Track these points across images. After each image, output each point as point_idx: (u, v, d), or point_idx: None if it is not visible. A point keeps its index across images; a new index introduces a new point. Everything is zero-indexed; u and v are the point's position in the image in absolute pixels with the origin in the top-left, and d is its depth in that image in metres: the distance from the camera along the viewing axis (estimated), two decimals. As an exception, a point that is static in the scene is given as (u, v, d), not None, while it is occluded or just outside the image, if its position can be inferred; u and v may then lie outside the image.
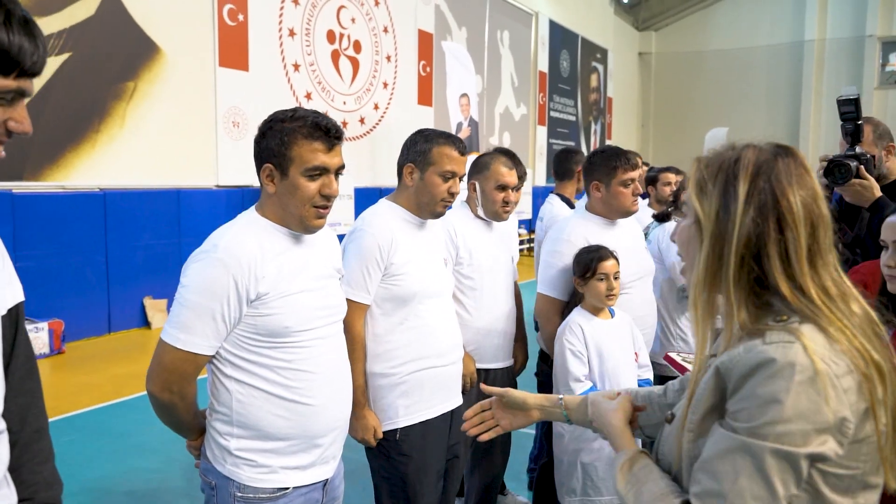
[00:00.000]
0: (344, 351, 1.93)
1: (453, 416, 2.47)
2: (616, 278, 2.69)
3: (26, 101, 1.13)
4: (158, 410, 1.77)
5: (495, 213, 2.91)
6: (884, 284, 1.87)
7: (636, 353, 2.77)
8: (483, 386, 1.64)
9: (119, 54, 7.42)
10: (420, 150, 2.39)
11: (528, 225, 15.23)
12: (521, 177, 3.10)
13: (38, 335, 6.27)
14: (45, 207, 6.74)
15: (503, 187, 2.87)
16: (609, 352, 2.68)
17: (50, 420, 1.30)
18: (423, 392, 2.33)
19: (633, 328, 2.82)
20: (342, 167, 1.78)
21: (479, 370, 2.90)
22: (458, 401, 2.51)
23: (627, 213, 2.91)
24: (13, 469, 1.25)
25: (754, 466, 0.98)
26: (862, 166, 2.53)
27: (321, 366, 1.79)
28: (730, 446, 1.00)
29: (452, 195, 2.38)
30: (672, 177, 4.40)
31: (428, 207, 2.38)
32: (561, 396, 1.54)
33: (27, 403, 1.27)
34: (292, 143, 1.70)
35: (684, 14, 21.97)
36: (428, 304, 2.35)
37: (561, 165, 4.21)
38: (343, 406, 1.88)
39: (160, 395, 1.72)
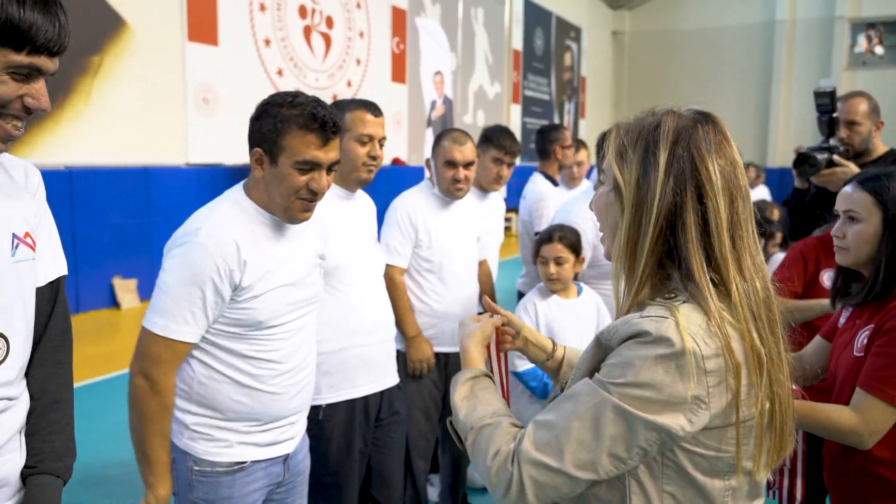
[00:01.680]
0: (313, 338, 1.91)
1: (382, 398, 2.41)
2: (560, 263, 2.63)
3: (44, 78, 1.15)
4: (130, 401, 1.70)
5: (447, 190, 2.86)
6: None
7: None
8: (486, 300, 1.49)
9: (83, 27, 7.20)
10: None
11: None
12: (514, 153, 3.22)
13: (4, 316, 6.16)
14: (9, 185, 6.57)
15: (451, 164, 2.81)
16: (562, 332, 2.62)
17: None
18: (345, 371, 2.27)
19: (599, 309, 2.76)
20: (336, 162, 1.72)
21: (437, 354, 2.85)
22: (389, 381, 2.43)
23: None
24: (29, 435, 1.30)
25: (592, 414, 1.00)
26: (836, 155, 2.54)
27: (288, 356, 1.77)
28: (582, 390, 1.03)
29: (374, 158, 2.33)
30: None
31: (352, 175, 2.33)
32: (555, 346, 1.48)
33: (51, 373, 1.32)
34: (285, 131, 1.63)
35: (658, -7, 21.99)
36: (352, 279, 2.28)
37: (538, 144, 4.22)
38: (305, 393, 1.85)
39: (133, 379, 1.67)
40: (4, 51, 1.08)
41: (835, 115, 2.62)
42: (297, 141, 1.63)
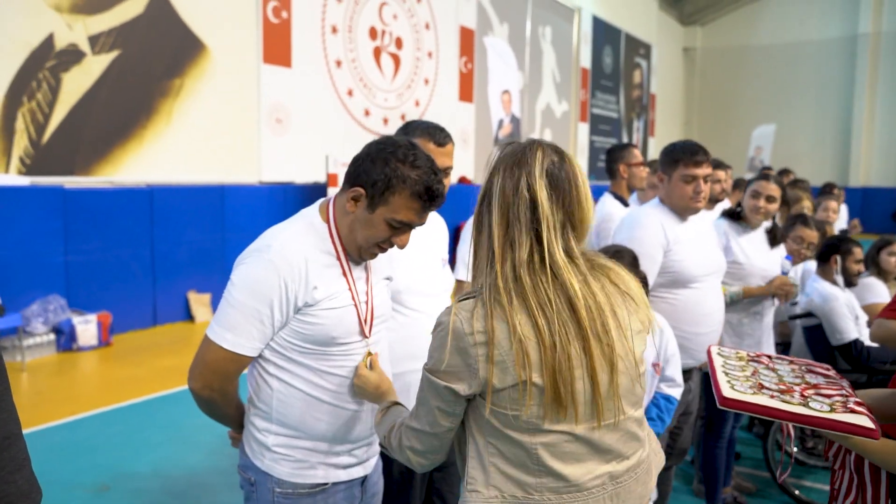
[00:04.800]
0: (387, 355, 1.89)
1: None
2: None
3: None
4: (199, 405, 1.76)
5: None
6: None
7: (656, 364, 2.55)
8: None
9: (166, 52, 7.55)
10: None
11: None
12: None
13: (87, 327, 6.43)
14: (94, 202, 6.90)
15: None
16: None
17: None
18: (409, 394, 2.21)
19: (661, 336, 2.58)
20: (422, 223, 1.74)
21: None
22: None
23: (686, 208, 2.83)
24: None
25: (423, 386, 1.36)
26: None
27: None
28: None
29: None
30: (722, 174, 4.24)
31: None
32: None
33: None
34: (397, 190, 1.62)
35: (731, 8, 21.49)
36: (415, 302, 2.23)
37: (606, 164, 4.21)
38: None
39: (200, 391, 1.70)
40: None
41: None
42: (403, 203, 1.63)
